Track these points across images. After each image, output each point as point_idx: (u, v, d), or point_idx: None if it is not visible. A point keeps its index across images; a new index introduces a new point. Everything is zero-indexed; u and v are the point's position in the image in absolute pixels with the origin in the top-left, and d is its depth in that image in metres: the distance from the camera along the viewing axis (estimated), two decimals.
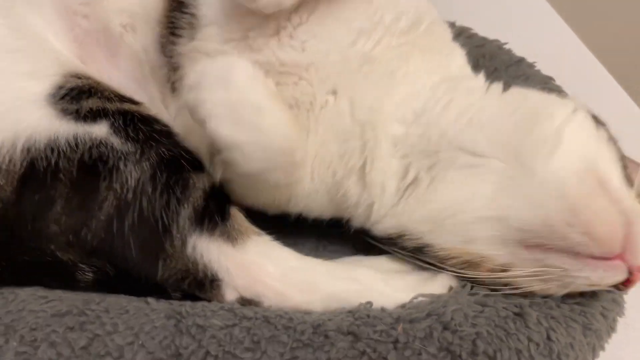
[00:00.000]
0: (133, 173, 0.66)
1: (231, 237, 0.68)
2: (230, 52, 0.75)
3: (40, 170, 0.65)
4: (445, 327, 0.63)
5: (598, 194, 0.65)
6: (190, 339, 0.60)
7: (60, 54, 0.76)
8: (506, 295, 0.69)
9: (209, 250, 0.67)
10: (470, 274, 0.70)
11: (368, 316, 0.64)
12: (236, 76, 0.66)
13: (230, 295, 0.68)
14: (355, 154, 0.76)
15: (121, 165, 0.66)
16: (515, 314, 0.66)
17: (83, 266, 0.67)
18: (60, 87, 0.70)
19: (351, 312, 0.65)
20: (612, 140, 0.72)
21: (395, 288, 0.70)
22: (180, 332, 0.61)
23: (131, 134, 0.68)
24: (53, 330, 0.61)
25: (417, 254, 0.73)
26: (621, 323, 0.74)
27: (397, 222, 0.74)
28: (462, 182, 0.70)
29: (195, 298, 0.68)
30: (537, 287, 0.67)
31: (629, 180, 0.70)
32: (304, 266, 0.71)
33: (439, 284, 0.71)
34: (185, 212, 0.67)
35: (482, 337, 0.63)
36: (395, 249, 0.75)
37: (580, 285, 0.66)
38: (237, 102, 0.66)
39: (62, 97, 0.69)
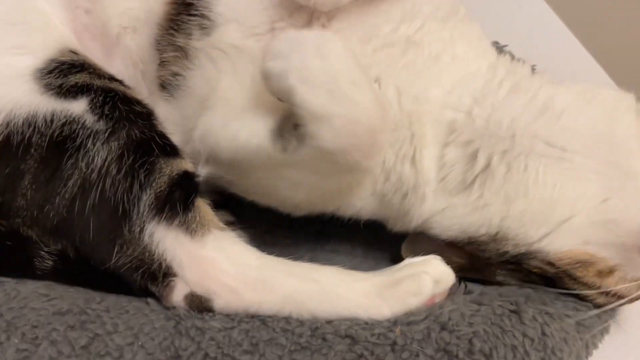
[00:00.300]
0: (100, 152, 0.66)
1: (190, 228, 0.67)
2: (253, 47, 0.74)
3: (14, 144, 0.66)
4: (443, 328, 0.65)
5: None
6: (189, 340, 0.61)
7: (61, 31, 0.76)
8: (501, 293, 0.71)
9: (165, 240, 0.66)
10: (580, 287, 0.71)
11: (364, 320, 0.65)
12: (334, 47, 0.65)
13: (180, 289, 0.66)
14: (406, 143, 0.74)
15: (89, 144, 0.66)
16: (511, 311, 0.68)
17: (43, 253, 0.68)
18: (53, 60, 0.71)
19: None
20: None
21: (358, 291, 0.68)
22: (179, 334, 0.61)
23: (106, 112, 0.68)
24: (54, 328, 0.62)
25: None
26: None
27: (476, 220, 0.73)
28: (560, 178, 0.69)
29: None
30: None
31: None
32: (262, 265, 0.68)
33: (409, 284, 0.69)
34: (147, 198, 0.66)
35: (479, 335, 0.64)
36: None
37: None
38: (334, 72, 0.64)
39: (51, 71, 0.70)
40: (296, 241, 0.86)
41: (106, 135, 0.66)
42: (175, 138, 0.73)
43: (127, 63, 0.81)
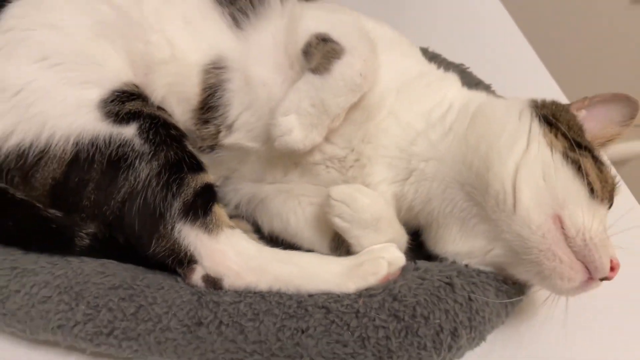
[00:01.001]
0: (145, 170, 0.85)
1: (208, 228, 0.85)
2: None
3: (82, 159, 0.86)
4: (394, 298, 0.81)
5: (558, 243, 0.81)
6: (208, 311, 0.80)
7: (121, 67, 0.93)
8: (441, 270, 0.87)
9: (189, 236, 0.84)
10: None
11: (338, 294, 0.82)
12: (382, 224, 0.91)
13: (199, 272, 0.84)
14: None
15: (136, 163, 0.85)
16: (446, 283, 0.84)
17: (82, 234, 0.87)
18: (114, 91, 0.89)
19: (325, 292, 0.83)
20: (571, 151, 0.86)
21: (331, 272, 0.85)
22: (201, 306, 0.80)
23: (150, 137, 0.86)
24: (110, 299, 0.81)
25: None
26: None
27: None
28: None
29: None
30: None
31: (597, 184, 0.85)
32: (258, 255, 0.86)
33: (369, 265, 0.85)
34: (177, 204, 0.84)
35: (420, 303, 0.81)
36: None
37: (568, 293, 0.85)
38: (382, 242, 0.90)
39: (112, 100, 0.88)
40: None
41: (149, 157, 0.85)
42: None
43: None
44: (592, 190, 0.83)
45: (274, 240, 1.03)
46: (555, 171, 0.84)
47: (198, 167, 0.88)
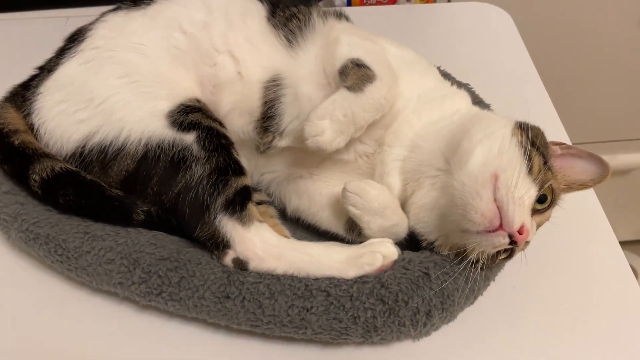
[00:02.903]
0: (198, 171, 1.00)
1: (242, 220, 0.99)
2: None
3: (149, 157, 1.02)
4: (382, 286, 0.96)
5: (486, 188, 0.92)
6: (234, 288, 0.96)
7: (189, 85, 1.09)
8: (421, 261, 1.00)
9: (227, 226, 0.99)
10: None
11: (338, 280, 0.98)
12: (388, 211, 1.03)
13: (230, 255, 0.99)
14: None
15: (193, 165, 1.00)
16: (424, 273, 0.98)
17: (139, 211, 1.04)
18: (180, 105, 1.04)
19: (329, 277, 0.98)
20: (529, 144, 0.97)
21: (335, 259, 0.99)
22: (230, 283, 0.97)
23: (206, 145, 1.02)
24: (160, 268, 0.98)
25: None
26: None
27: None
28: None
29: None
30: (471, 255, 0.96)
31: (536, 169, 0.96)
32: (279, 244, 1.01)
33: (367, 257, 0.99)
34: (220, 200, 0.99)
35: (402, 290, 0.95)
36: None
37: (487, 248, 0.93)
38: (388, 226, 1.04)
39: (178, 112, 1.03)
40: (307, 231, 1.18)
41: (203, 161, 1.00)
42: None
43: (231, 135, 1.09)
44: (530, 170, 0.96)
45: (295, 221, 1.18)
46: (508, 147, 0.98)
47: (240, 172, 1.03)
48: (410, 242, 1.08)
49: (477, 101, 1.33)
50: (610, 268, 1.16)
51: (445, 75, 1.37)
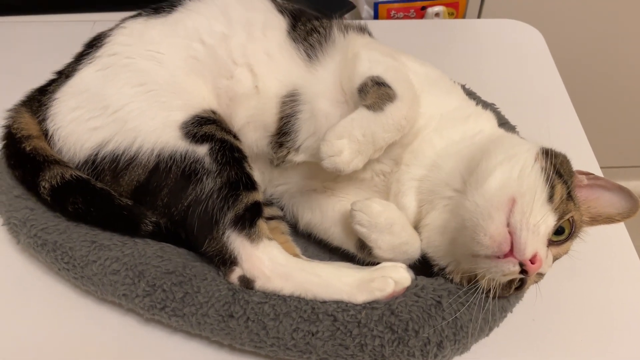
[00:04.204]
0: (209, 184, 0.96)
1: (251, 237, 0.96)
2: None
3: (161, 168, 0.99)
4: (392, 313, 0.92)
5: (499, 211, 0.87)
6: (239, 307, 0.93)
7: (205, 96, 1.06)
8: (435, 289, 0.96)
9: (235, 242, 0.95)
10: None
11: (346, 304, 0.93)
12: (395, 228, 0.98)
13: (237, 272, 0.95)
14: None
15: (204, 178, 0.97)
16: (437, 302, 0.94)
17: (147, 222, 1.00)
18: (195, 116, 1.01)
19: (337, 301, 0.94)
20: (552, 171, 0.92)
21: (344, 283, 0.95)
22: (234, 301, 0.93)
23: (218, 158, 0.98)
24: (164, 282, 0.95)
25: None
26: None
27: None
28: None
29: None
30: (482, 282, 0.91)
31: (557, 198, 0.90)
32: (286, 263, 0.96)
33: (378, 282, 0.94)
34: (230, 215, 0.95)
35: (413, 319, 0.91)
36: None
37: (496, 276, 0.88)
38: (397, 244, 0.99)
39: (192, 123, 1.00)
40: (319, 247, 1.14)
41: (215, 175, 0.97)
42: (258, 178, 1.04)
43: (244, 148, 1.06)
44: (551, 198, 0.91)
45: (307, 237, 1.14)
46: (530, 171, 0.92)
47: (251, 187, 0.99)
48: (425, 266, 1.03)
49: (503, 122, 1.27)
50: (637, 306, 1.09)
51: (471, 94, 1.33)
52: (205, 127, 1.00)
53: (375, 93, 0.97)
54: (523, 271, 0.87)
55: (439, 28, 1.83)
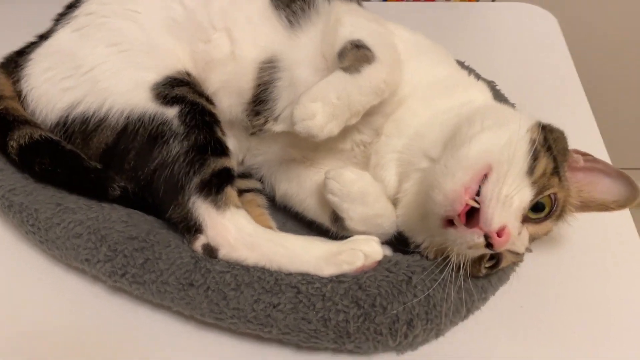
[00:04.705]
0: (176, 147, 0.93)
1: (217, 204, 0.92)
2: None
3: (129, 130, 0.95)
4: (360, 287, 0.86)
5: (466, 174, 0.82)
6: (200, 276, 0.88)
7: (180, 57, 1.01)
8: (409, 265, 0.90)
9: (200, 209, 0.91)
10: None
11: (312, 277, 0.88)
12: (369, 198, 0.93)
13: (201, 240, 0.91)
14: None
15: (171, 141, 0.93)
16: (408, 277, 0.88)
17: (115, 186, 0.96)
18: (168, 77, 0.97)
19: (302, 273, 0.88)
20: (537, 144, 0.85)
21: (312, 255, 0.90)
22: (195, 270, 0.88)
23: (187, 121, 0.94)
24: (126, 247, 0.91)
25: None
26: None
27: None
28: None
29: None
30: (452, 257, 0.85)
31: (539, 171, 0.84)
32: (253, 233, 0.92)
33: (346, 255, 0.89)
34: (195, 180, 0.91)
35: (382, 294, 0.86)
36: None
37: (462, 248, 0.83)
38: (369, 215, 0.94)
39: (164, 84, 0.96)
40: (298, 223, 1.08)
41: (182, 137, 0.93)
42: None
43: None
44: (531, 171, 0.84)
45: (285, 212, 1.09)
46: (517, 141, 0.85)
47: (221, 152, 0.95)
48: (402, 244, 0.97)
49: (502, 100, 1.21)
50: (635, 295, 1.02)
51: (468, 69, 1.25)
52: (177, 89, 0.96)
53: (353, 55, 0.92)
54: (489, 245, 0.80)
55: (451, 11, 1.76)
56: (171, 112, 0.94)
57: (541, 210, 0.86)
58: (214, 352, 0.91)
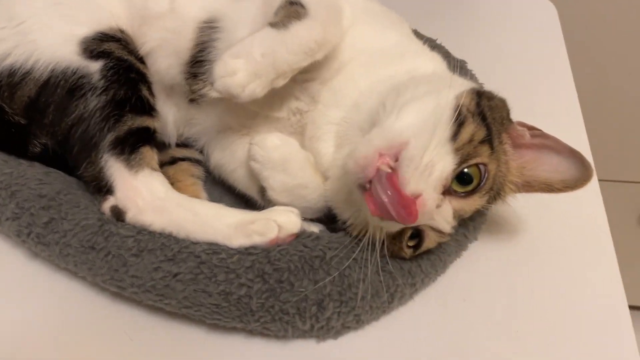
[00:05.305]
0: (93, 102, 0.88)
1: (130, 164, 0.87)
2: None
3: (51, 84, 0.90)
4: (268, 261, 0.80)
5: (384, 141, 0.75)
6: (102, 239, 0.82)
7: (115, 14, 0.96)
8: (329, 242, 0.83)
9: (112, 167, 0.86)
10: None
11: (220, 247, 0.81)
12: (291, 166, 0.87)
13: (110, 202, 0.87)
14: None
15: (89, 95, 0.88)
16: (324, 254, 0.81)
17: (36, 142, 0.92)
18: (99, 32, 0.93)
19: (210, 243, 0.82)
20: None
21: (223, 223, 0.84)
22: (99, 232, 0.83)
23: (109, 75, 0.89)
24: (33, 205, 0.86)
25: None
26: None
27: None
28: None
29: None
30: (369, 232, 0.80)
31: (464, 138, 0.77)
32: (164, 197, 0.87)
33: (258, 225, 0.83)
34: (109, 137, 0.87)
35: (291, 269, 0.79)
36: None
37: (375, 219, 0.76)
38: (292, 185, 0.87)
39: (94, 39, 0.92)
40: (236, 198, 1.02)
41: (100, 91, 0.88)
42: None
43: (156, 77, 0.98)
44: (455, 137, 0.77)
45: (221, 185, 1.03)
46: (443, 108, 0.78)
47: (143, 111, 0.90)
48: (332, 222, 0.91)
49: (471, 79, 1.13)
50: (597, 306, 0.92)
51: (436, 46, 1.19)
52: (107, 44, 0.92)
53: (284, 11, 0.85)
54: None
55: None
56: (94, 66, 0.89)
57: (468, 183, 0.78)
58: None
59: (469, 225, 0.92)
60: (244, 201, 1.00)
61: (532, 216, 1.00)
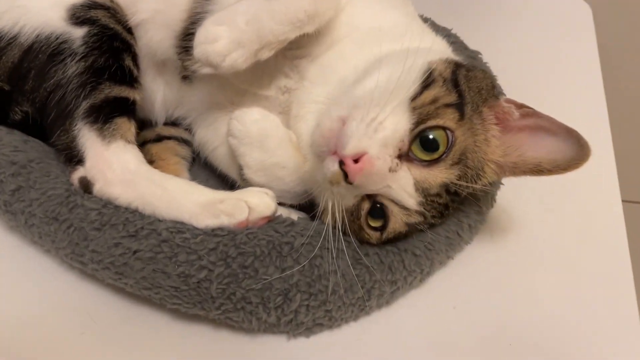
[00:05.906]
0: (72, 68, 0.85)
1: (103, 134, 0.83)
2: None
3: (33, 49, 0.87)
4: (233, 244, 0.75)
5: (341, 109, 0.71)
6: (66, 210, 0.79)
7: None
8: (303, 228, 0.78)
9: (84, 137, 0.83)
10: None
11: (185, 226, 0.77)
12: (269, 142, 0.82)
13: (79, 173, 0.83)
14: None
15: (68, 61, 0.85)
16: (293, 240, 0.76)
17: (17, 110, 0.90)
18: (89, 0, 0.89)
19: (176, 221, 0.78)
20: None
21: (192, 201, 0.79)
22: (64, 204, 0.79)
23: (91, 42, 0.86)
24: (3, 172, 0.83)
25: None
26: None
27: None
28: None
29: None
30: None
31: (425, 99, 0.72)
32: (135, 170, 0.82)
33: (227, 204, 0.79)
34: (84, 105, 0.83)
35: (256, 255, 0.75)
36: None
37: (324, 183, 0.73)
38: (269, 163, 0.83)
39: (82, 6, 0.89)
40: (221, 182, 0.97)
41: (79, 58, 0.85)
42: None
43: (145, 50, 0.94)
44: (415, 98, 0.72)
45: (209, 167, 0.99)
46: (408, 71, 0.73)
47: (123, 80, 0.87)
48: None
49: None
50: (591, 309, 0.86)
51: (448, 35, 1.12)
52: (94, 11, 0.88)
53: None
54: (345, 175, 0.68)
55: None
56: (78, 32, 0.86)
57: (433, 150, 0.71)
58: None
59: (463, 224, 0.85)
60: (229, 185, 0.95)
61: (533, 217, 0.94)
